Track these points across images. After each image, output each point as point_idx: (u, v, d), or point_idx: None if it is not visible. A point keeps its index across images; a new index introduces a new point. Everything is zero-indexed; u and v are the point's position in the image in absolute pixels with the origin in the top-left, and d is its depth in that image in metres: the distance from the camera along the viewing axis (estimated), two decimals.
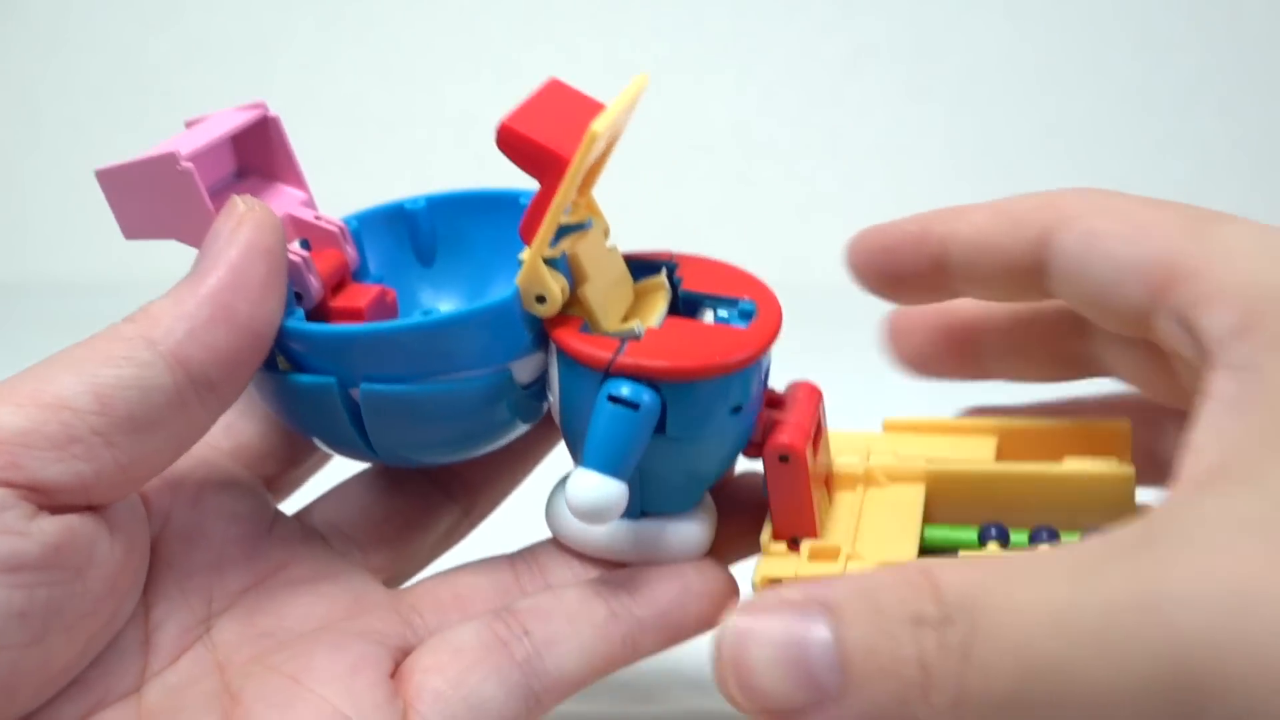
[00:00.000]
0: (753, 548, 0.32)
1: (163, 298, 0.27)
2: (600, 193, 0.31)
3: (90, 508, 0.26)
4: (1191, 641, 0.20)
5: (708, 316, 0.30)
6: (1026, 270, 0.29)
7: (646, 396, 0.27)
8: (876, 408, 0.35)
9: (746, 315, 0.29)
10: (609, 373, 0.27)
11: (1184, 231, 0.26)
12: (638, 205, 0.26)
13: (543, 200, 0.27)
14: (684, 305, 0.31)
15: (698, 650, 0.26)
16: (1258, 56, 0.68)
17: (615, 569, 0.30)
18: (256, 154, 0.32)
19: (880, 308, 0.34)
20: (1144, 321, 0.27)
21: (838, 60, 0.69)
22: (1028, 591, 0.21)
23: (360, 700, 0.26)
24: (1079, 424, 0.33)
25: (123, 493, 0.26)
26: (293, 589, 0.30)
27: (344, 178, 0.27)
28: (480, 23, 0.69)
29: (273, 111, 0.32)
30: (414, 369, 0.28)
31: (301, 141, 0.32)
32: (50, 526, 0.25)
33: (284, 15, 0.73)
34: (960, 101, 0.68)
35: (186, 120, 0.32)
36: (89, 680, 0.27)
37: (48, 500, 0.25)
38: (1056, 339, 0.33)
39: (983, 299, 0.32)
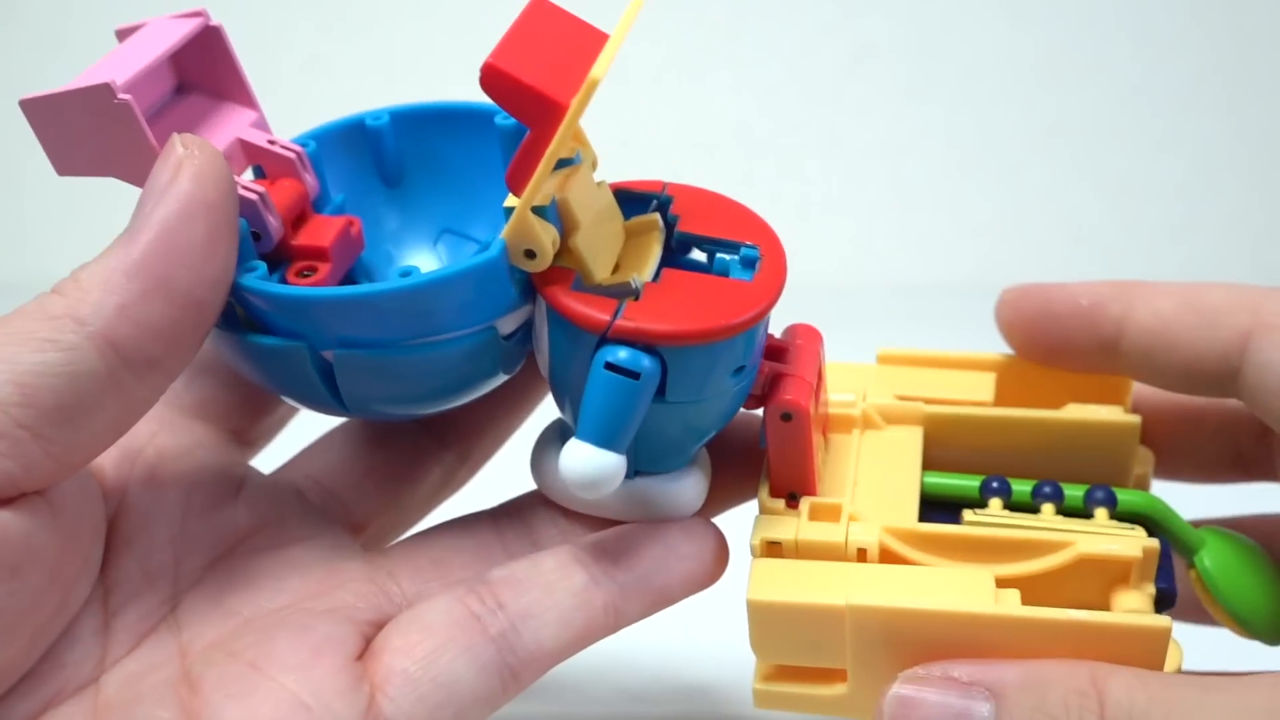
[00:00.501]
0: (745, 496, 0.31)
1: (93, 262, 0.24)
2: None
3: (22, 496, 0.23)
4: None
5: (706, 261, 0.28)
6: (1214, 374, 0.28)
7: (646, 362, 0.25)
8: None
9: (750, 263, 0.27)
10: (606, 337, 0.25)
11: None
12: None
13: (535, 147, 0.24)
14: (679, 246, 0.28)
15: (698, 651, 0.25)
16: (1258, 56, 0.66)
17: (604, 525, 0.29)
18: (199, 68, 0.29)
19: (889, 313, 0.32)
20: None
21: (838, 60, 0.67)
22: None
23: (322, 687, 0.25)
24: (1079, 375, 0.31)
25: (59, 479, 0.24)
26: (262, 559, 0.28)
27: None
28: (480, 23, 0.65)
29: (215, 20, 0.28)
30: (393, 332, 0.25)
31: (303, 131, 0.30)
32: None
33: (283, 15, 0.69)
34: (960, 101, 0.67)
35: (117, 28, 0.28)
36: (41, 674, 0.25)
37: None
38: (1231, 438, 0.32)
39: (1152, 385, 0.30)
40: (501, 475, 0.33)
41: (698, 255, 0.29)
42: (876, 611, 0.26)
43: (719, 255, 0.28)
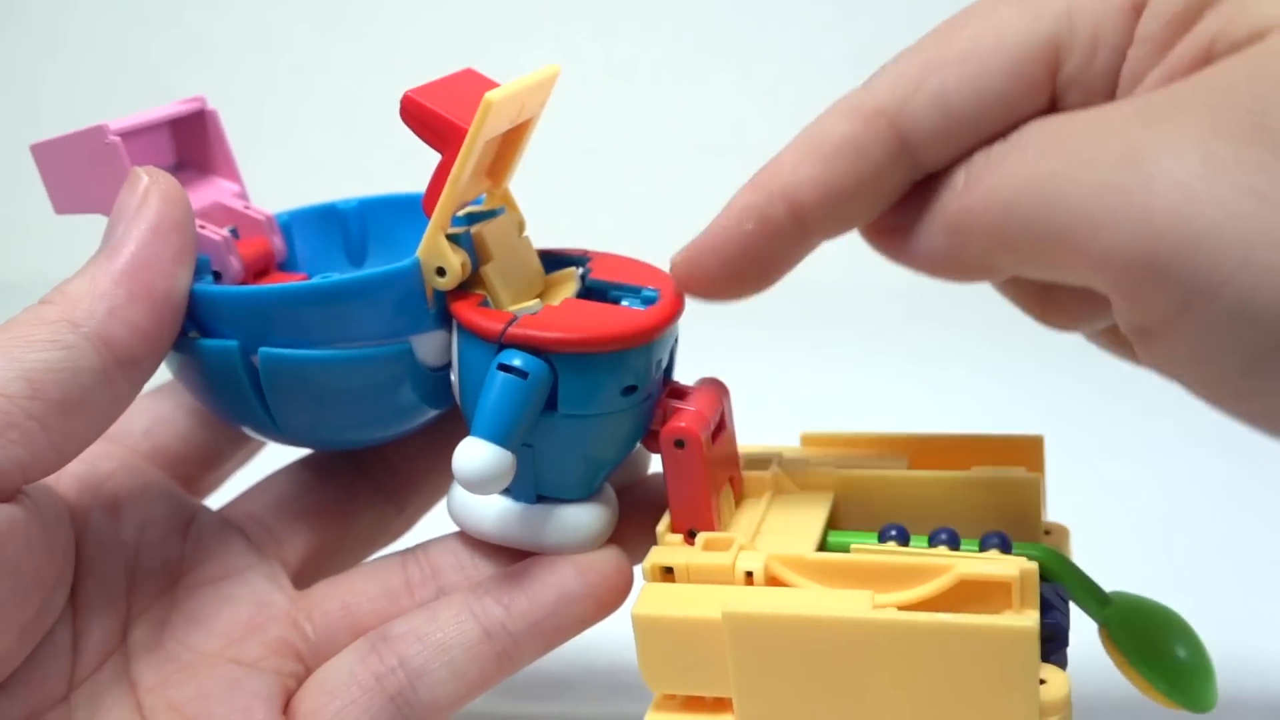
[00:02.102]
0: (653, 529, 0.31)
1: (77, 277, 0.27)
2: (601, 193, 0.31)
3: (19, 495, 0.26)
4: None
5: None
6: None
7: (535, 366, 0.27)
8: (871, 404, 0.34)
9: (648, 301, 0.30)
10: (501, 343, 0.28)
11: None
12: (638, 205, 0.27)
13: (442, 171, 0.28)
14: (592, 294, 0.31)
15: None
16: None
17: (509, 560, 0.30)
18: (195, 148, 0.34)
19: (879, 302, 0.33)
20: None
21: (838, 60, 0.69)
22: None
23: None
24: (992, 436, 0.32)
25: (56, 469, 0.27)
26: (203, 593, 0.31)
27: (343, 177, 0.28)
28: (480, 23, 0.70)
29: (211, 106, 0.33)
30: (312, 334, 0.28)
31: (301, 141, 0.33)
32: (3, 516, 0.25)
33: (283, 15, 0.74)
34: None
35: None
36: (26, 678, 0.27)
37: None
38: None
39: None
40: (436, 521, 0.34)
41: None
42: (751, 619, 0.26)
43: (622, 299, 0.30)
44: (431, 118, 0.28)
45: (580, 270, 0.31)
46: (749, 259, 0.27)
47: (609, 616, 0.30)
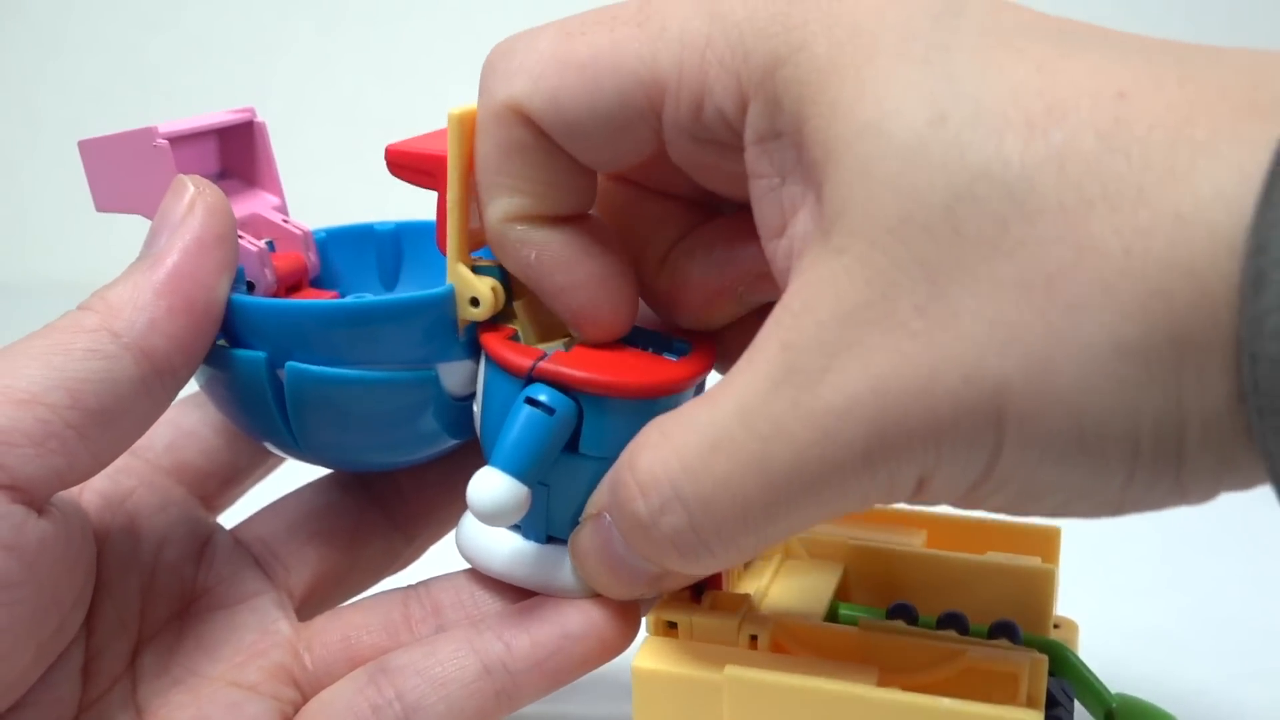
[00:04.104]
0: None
1: (118, 284, 0.27)
2: None
3: (49, 509, 0.26)
4: None
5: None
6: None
7: (562, 404, 0.27)
8: None
9: (680, 353, 0.29)
10: (530, 377, 0.27)
11: None
12: None
13: (442, 203, 0.28)
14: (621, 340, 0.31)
15: None
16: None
17: (512, 600, 0.30)
18: (240, 158, 0.34)
19: None
20: None
21: None
22: (715, 456, 0.23)
23: None
24: (1010, 523, 0.32)
25: (90, 476, 0.27)
26: (210, 619, 0.30)
27: (342, 177, 0.28)
28: (480, 23, 0.69)
29: (260, 118, 0.33)
30: (341, 353, 0.28)
31: (300, 141, 0.33)
32: (36, 530, 0.25)
33: (283, 16, 0.75)
34: None
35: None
36: (37, 699, 0.27)
37: (26, 498, 0.25)
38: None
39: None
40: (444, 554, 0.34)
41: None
42: (755, 684, 0.26)
43: (651, 347, 0.30)
44: (412, 158, 0.28)
45: None
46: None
47: (611, 661, 0.29)
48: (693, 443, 0.23)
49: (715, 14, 0.24)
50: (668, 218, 0.29)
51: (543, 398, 0.27)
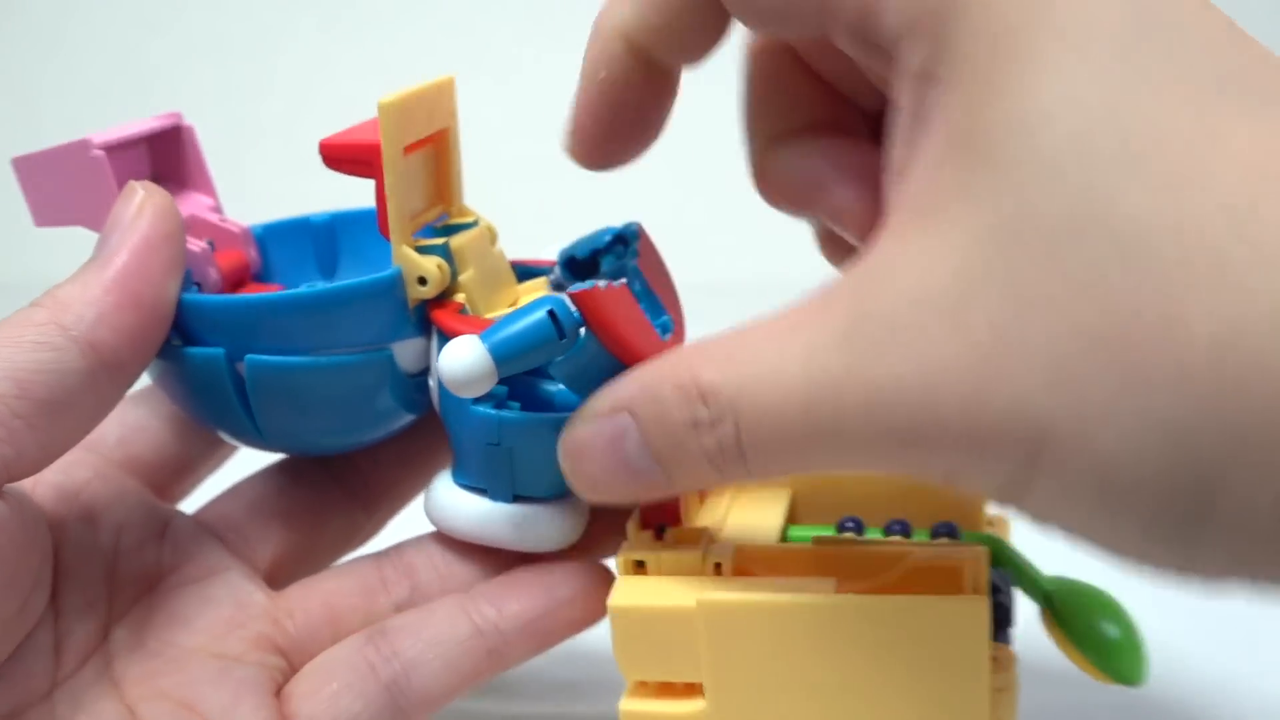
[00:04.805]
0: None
1: (69, 282, 0.28)
2: (602, 192, 0.31)
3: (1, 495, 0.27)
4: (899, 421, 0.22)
5: None
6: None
7: (575, 333, 0.27)
8: None
9: (665, 329, 0.31)
10: (566, 295, 0.27)
11: None
12: (638, 205, 0.28)
13: (380, 190, 0.29)
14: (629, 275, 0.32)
15: None
16: None
17: (481, 560, 0.32)
18: (170, 162, 0.34)
19: None
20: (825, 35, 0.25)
21: None
22: (773, 389, 0.23)
23: None
24: None
25: (40, 468, 0.28)
26: (180, 594, 0.31)
27: (342, 176, 0.29)
28: (479, 23, 0.70)
29: (187, 122, 0.34)
30: (297, 341, 0.29)
31: (300, 141, 0.34)
32: None
33: (284, 15, 0.74)
34: None
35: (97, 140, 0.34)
36: (9, 674, 0.28)
37: None
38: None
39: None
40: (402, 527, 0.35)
41: None
42: (725, 606, 0.28)
43: (646, 309, 0.31)
44: (347, 150, 0.29)
45: (629, 244, 0.32)
46: (617, 106, 0.27)
47: (595, 623, 0.31)
48: (757, 373, 0.23)
49: None
50: (809, 103, 0.28)
51: (562, 319, 0.27)
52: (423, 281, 0.30)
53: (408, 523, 0.35)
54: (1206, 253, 0.19)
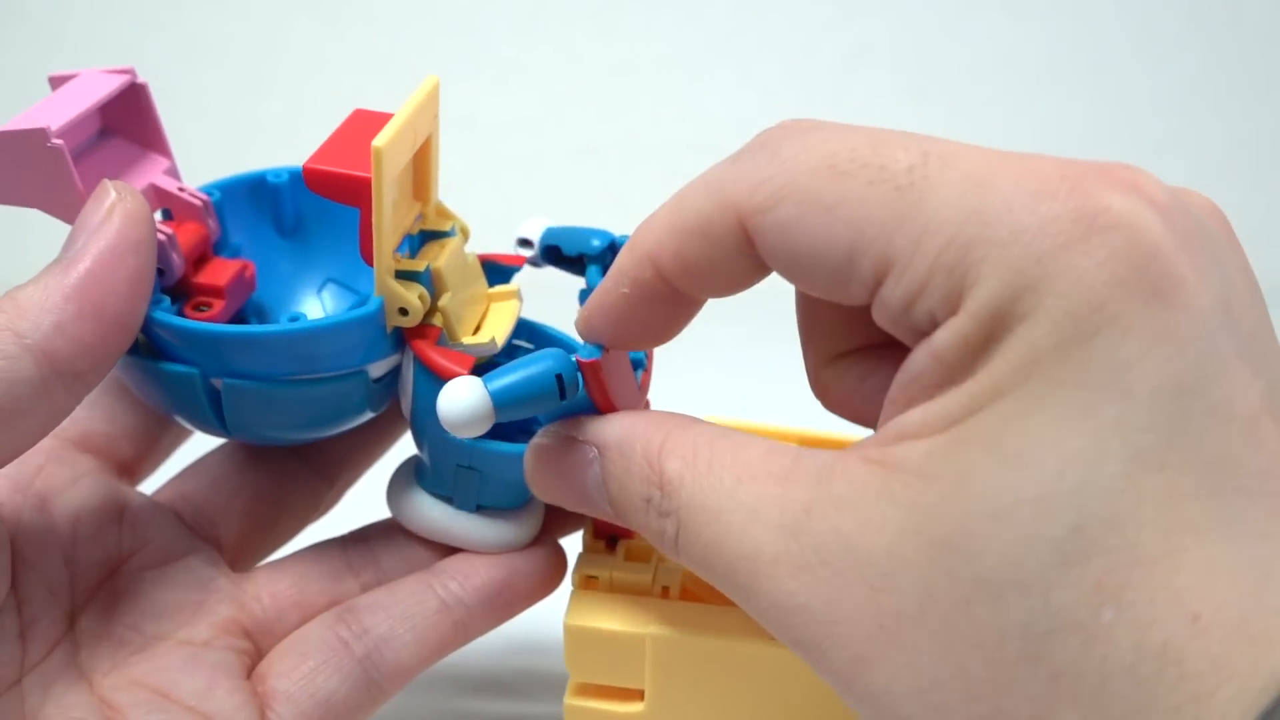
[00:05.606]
0: (581, 524, 0.35)
1: (30, 285, 0.27)
2: (602, 191, 0.31)
3: None
4: None
5: None
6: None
7: (577, 398, 0.27)
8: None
9: (637, 365, 0.31)
10: (578, 364, 0.27)
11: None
12: (638, 205, 0.27)
13: (366, 223, 0.29)
14: None
15: None
16: (1258, 56, 0.68)
17: (441, 550, 0.33)
18: (123, 117, 0.32)
19: None
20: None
21: (838, 60, 0.69)
22: (712, 524, 0.24)
23: (223, 707, 0.30)
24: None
25: None
26: (144, 578, 0.32)
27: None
28: (479, 23, 0.66)
29: (140, 79, 0.32)
30: (277, 368, 0.29)
31: (300, 140, 0.32)
32: None
33: (284, 15, 0.70)
34: (960, 101, 0.68)
35: (50, 76, 0.32)
36: None
37: None
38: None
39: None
40: (360, 503, 0.37)
41: None
42: (673, 641, 0.30)
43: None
44: (334, 180, 0.28)
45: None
46: (633, 320, 0.27)
47: (551, 593, 0.34)
48: (707, 501, 0.24)
49: (983, 216, 0.21)
50: (865, 327, 0.27)
51: (566, 382, 0.26)
52: (404, 313, 0.30)
53: (366, 494, 0.36)
54: (1132, 678, 0.20)
